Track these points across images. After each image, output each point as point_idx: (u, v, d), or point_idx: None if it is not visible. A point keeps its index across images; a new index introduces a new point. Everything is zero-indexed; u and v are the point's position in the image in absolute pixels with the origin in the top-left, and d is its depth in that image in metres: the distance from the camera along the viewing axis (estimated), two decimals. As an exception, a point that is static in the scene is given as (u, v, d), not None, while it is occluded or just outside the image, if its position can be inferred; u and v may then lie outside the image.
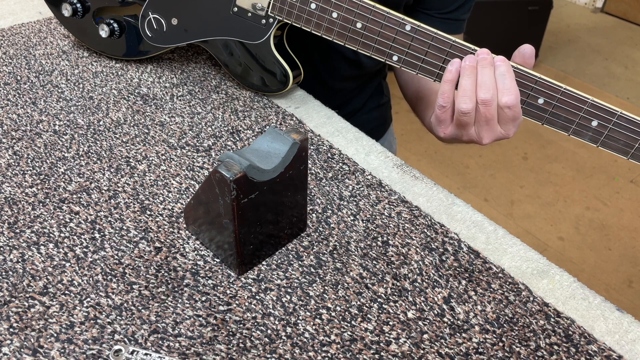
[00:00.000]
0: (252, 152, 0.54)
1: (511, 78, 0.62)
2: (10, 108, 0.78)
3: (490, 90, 0.62)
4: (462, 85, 0.63)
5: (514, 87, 0.62)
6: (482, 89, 0.62)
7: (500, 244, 0.62)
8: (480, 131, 0.66)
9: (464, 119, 0.65)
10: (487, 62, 0.62)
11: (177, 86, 0.85)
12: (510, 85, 0.62)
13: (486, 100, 0.62)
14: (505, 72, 0.62)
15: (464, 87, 0.63)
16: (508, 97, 0.61)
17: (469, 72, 0.63)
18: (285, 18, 0.73)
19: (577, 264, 1.95)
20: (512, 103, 0.62)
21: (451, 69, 0.64)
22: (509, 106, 0.62)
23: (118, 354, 0.49)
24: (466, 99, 0.63)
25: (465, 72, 0.63)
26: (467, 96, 0.63)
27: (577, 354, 0.51)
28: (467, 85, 0.63)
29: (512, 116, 0.63)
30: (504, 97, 0.62)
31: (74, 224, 0.61)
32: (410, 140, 2.46)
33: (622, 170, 2.36)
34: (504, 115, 0.63)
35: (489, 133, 0.65)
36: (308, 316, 0.54)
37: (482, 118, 0.64)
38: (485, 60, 0.62)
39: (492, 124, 0.64)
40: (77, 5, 0.85)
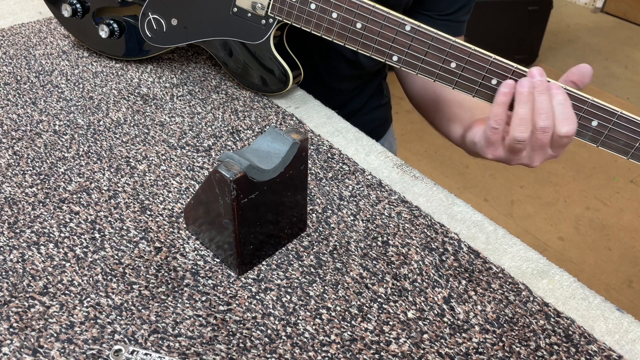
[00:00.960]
0: (252, 152, 0.54)
1: (569, 106, 0.60)
2: (10, 108, 0.78)
3: (549, 118, 0.60)
4: (519, 113, 0.61)
5: (573, 116, 0.60)
6: (542, 116, 0.60)
7: (500, 244, 0.62)
8: (533, 155, 0.64)
9: (519, 147, 0.63)
10: (544, 87, 0.60)
11: (177, 86, 0.85)
12: (570, 115, 0.60)
13: (545, 127, 0.61)
14: (563, 100, 0.60)
15: (521, 116, 0.61)
16: (569, 127, 0.60)
17: (525, 99, 0.61)
18: (285, 18, 0.73)
19: (577, 264, 1.95)
20: (572, 132, 0.60)
21: (505, 91, 0.62)
22: (568, 135, 0.60)
23: (118, 354, 0.49)
24: (523, 128, 0.61)
25: (522, 98, 0.61)
26: (523, 125, 0.61)
27: (577, 354, 0.51)
28: (524, 113, 0.61)
29: (567, 142, 0.62)
30: (565, 127, 0.60)
31: (74, 224, 0.61)
32: (410, 140, 2.46)
33: (622, 170, 2.36)
34: (560, 142, 0.62)
35: (540, 157, 0.64)
36: (308, 316, 0.54)
37: (537, 144, 0.62)
38: (542, 85, 0.60)
39: (545, 148, 0.63)
40: (76, 6, 0.85)
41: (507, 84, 0.62)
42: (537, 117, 0.61)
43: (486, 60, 0.63)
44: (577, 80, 0.62)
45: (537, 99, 0.61)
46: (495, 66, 0.63)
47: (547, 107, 0.60)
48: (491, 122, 0.64)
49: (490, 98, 0.65)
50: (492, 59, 0.63)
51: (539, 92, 0.60)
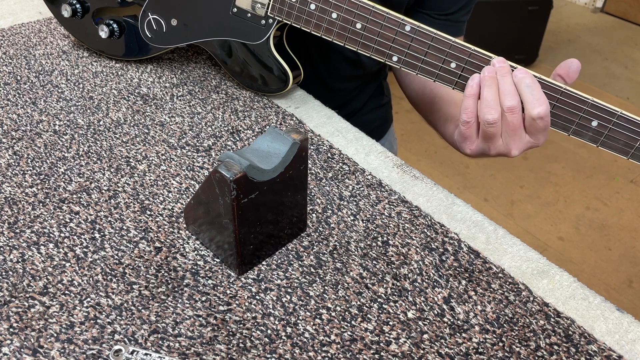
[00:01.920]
0: (252, 152, 0.54)
1: (538, 88, 0.61)
2: (10, 108, 0.78)
3: (515, 98, 0.61)
4: (485, 96, 0.62)
5: (543, 97, 0.61)
6: (507, 96, 0.61)
7: (500, 244, 0.62)
8: (509, 142, 0.64)
9: (491, 130, 0.63)
10: (506, 70, 0.61)
11: (177, 86, 0.85)
12: (540, 96, 0.61)
13: (512, 107, 0.61)
14: (530, 83, 0.61)
15: (487, 98, 0.62)
16: (540, 108, 0.60)
17: (489, 82, 0.62)
18: (285, 18, 0.73)
19: (577, 264, 1.95)
20: (544, 113, 0.61)
21: (472, 84, 0.63)
22: (541, 117, 0.61)
23: (118, 354, 0.49)
24: (491, 110, 0.62)
25: (486, 82, 0.62)
26: (491, 106, 0.62)
27: (577, 354, 0.51)
28: (489, 95, 0.62)
29: (543, 126, 0.62)
30: (536, 108, 0.60)
31: (74, 224, 0.61)
32: (410, 140, 2.46)
33: (622, 170, 2.36)
34: (535, 125, 0.62)
35: (517, 143, 0.64)
36: (308, 316, 0.54)
37: (509, 127, 0.63)
38: (504, 68, 0.61)
39: (519, 132, 0.63)
40: (76, 6, 0.85)
41: (474, 76, 0.63)
42: (502, 98, 0.62)
43: (486, 61, 0.63)
44: (564, 74, 0.63)
45: (501, 81, 0.62)
46: (495, 66, 0.63)
47: (511, 88, 0.61)
48: (463, 116, 0.65)
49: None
50: (492, 59, 0.63)
51: (502, 74, 0.62)
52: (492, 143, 0.65)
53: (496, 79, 0.62)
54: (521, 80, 0.61)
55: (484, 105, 0.63)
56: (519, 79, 0.61)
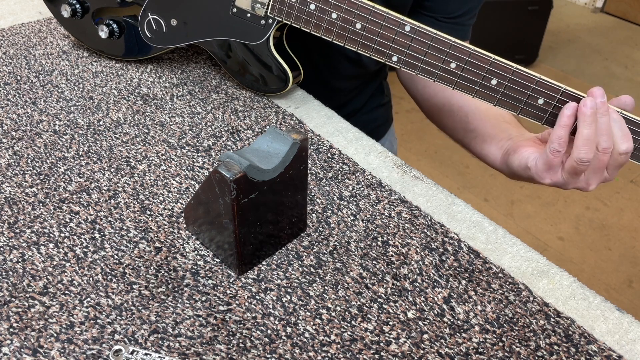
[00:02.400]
0: (252, 152, 0.54)
1: (624, 123, 0.61)
2: (10, 108, 0.78)
3: (611, 139, 0.61)
4: (584, 134, 0.61)
5: (629, 134, 0.61)
6: (603, 137, 0.61)
7: (500, 244, 0.62)
8: (590, 178, 0.64)
9: (582, 168, 0.62)
10: (605, 109, 0.60)
11: (177, 86, 0.85)
12: (626, 132, 0.60)
13: (607, 148, 0.61)
14: (618, 118, 0.60)
15: (586, 137, 0.61)
16: (628, 144, 0.60)
17: (590, 120, 0.60)
18: (285, 19, 0.73)
19: (577, 264, 1.95)
20: (631, 149, 0.61)
21: (569, 114, 0.61)
22: (627, 153, 0.61)
23: (118, 354, 0.49)
24: (587, 149, 0.61)
25: (586, 119, 0.60)
26: (587, 146, 0.61)
27: (577, 354, 0.51)
28: (588, 134, 0.60)
29: (624, 162, 0.62)
30: (624, 144, 0.60)
31: (74, 224, 0.61)
32: (410, 140, 2.46)
33: (622, 170, 2.35)
34: (619, 160, 0.62)
35: (597, 179, 0.64)
36: (308, 316, 0.54)
37: (597, 165, 0.62)
38: (604, 107, 0.60)
39: (603, 170, 0.63)
40: (76, 6, 0.85)
41: (570, 106, 0.61)
42: (599, 138, 0.61)
43: (486, 61, 0.63)
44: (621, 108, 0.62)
45: (599, 120, 0.61)
46: (495, 66, 0.63)
47: (608, 128, 0.60)
48: (554, 145, 0.63)
49: (490, 98, 0.65)
50: (492, 59, 0.63)
51: (601, 113, 0.60)
52: (576, 178, 0.64)
53: (597, 117, 0.60)
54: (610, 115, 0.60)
55: (580, 143, 0.61)
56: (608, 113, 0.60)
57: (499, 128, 0.78)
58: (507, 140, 0.74)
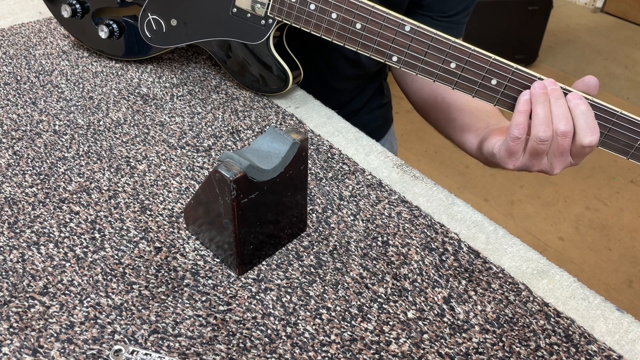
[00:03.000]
0: (252, 152, 0.54)
1: (592, 117, 0.61)
2: (10, 108, 0.78)
3: (569, 123, 0.61)
4: (538, 113, 0.62)
5: (596, 127, 0.61)
6: (561, 120, 0.61)
7: (500, 244, 0.62)
8: (553, 162, 0.64)
9: (542, 148, 0.63)
10: (559, 93, 0.61)
11: (177, 86, 0.85)
12: (593, 125, 0.61)
13: (565, 132, 0.61)
14: (586, 110, 0.60)
15: (541, 115, 0.61)
16: (592, 138, 0.60)
17: (542, 99, 0.61)
18: (285, 19, 0.73)
19: (577, 264, 1.95)
20: (595, 143, 0.61)
21: (523, 100, 0.62)
22: (591, 146, 0.61)
23: (118, 354, 0.49)
24: (544, 127, 0.62)
25: (539, 99, 0.61)
26: (544, 124, 0.61)
27: (577, 354, 0.51)
28: (542, 112, 0.61)
29: (589, 152, 0.62)
30: (588, 137, 0.60)
31: (74, 224, 0.61)
32: (410, 140, 2.46)
33: (622, 170, 2.36)
34: (583, 152, 0.62)
35: (561, 163, 0.64)
36: (308, 316, 0.54)
37: (557, 149, 0.63)
38: (557, 91, 0.61)
39: (565, 154, 0.63)
40: (76, 6, 0.85)
41: (525, 92, 0.62)
42: (556, 121, 0.61)
43: (486, 61, 0.63)
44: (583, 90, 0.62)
45: (554, 104, 0.61)
46: (495, 66, 0.63)
47: (566, 112, 0.61)
48: (514, 131, 0.63)
49: (490, 98, 0.65)
50: (492, 59, 0.63)
51: (556, 97, 0.61)
52: (538, 160, 0.65)
53: (548, 97, 0.61)
54: (576, 106, 0.61)
55: (536, 122, 0.62)
56: (574, 104, 0.61)
57: (477, 118, 0.80)
58: (484, 129, 0.76)
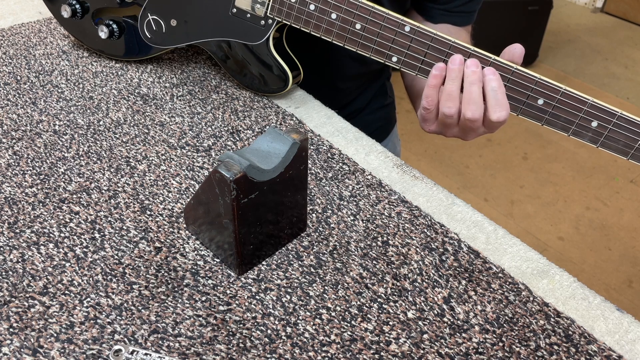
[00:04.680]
0: (252, 152, 0.54)
1: (502, 93, 0.61)
2: (10, 108, 0.78)
3: (478, 109, 0.62)
4: (446, 89, 0.63)
5: (505, 103, 0.61)
6: (470, 106, 0.62)
7: (500, 244, 0.62)
8: (464, 135, 0.67)
9: (448, 121, 0.65)
10: (476, 78, 0.61)
11: (177, 86, 0.85)
12: (503, 101, 0.61)
13: (472, 119, 0.62)
14: (497, 87, 0.61)
15: (449, 91, 0.62)
16: (500, 114, 0.61)
17: (454, 75, 0.62)
18: (284, 19, 0.73)
19: (577, 264, 1.95)
20: (504, 119, 0.62)
21: (436, 74, 0.63)
22: (500, 121, 0.62)
23: (118, 354, 0.49)
24: (450, 104, 0.63)
25: (451, 75, 0.62)
26: (451, 100, 0.63)
27: (577, 354, 0.51)
28: (452, 89, 0.62)
29: (498, 126, 0.64)
30: (496, 113, 0.61)
31: (74, 224, 0.61)
32: (410, 140, 2.46)
33: (622, 170, 2.36)
34: (493, 125, 0.63)
35: (472, 134, 0.67)
36: (308, 316, 0.54)
37: (466, 128, 0.64)
38: (475, 74, 0.61)
39: (477, 130, 0.65)
40: (76, 6, 0.85)
41: (438, 66, 0.63)
42: (465, 106, 0.62)
43: (486, 61, 0.63)
44: (509, 60, 0.63)
45: (467, 89, 0.62)
46: (495, 67, 0.63)
47: (477, 98, 0.62)
48: (423, 103, 0.66)
49: (490, 98, 0.65)
50: (492, 59, 0.63)
51: (471, 82, 0.61)
52: (449, 130, 0.68)
53: (462, 73, 0.62)
54: (488, 82, 0.61)
55: (444, 96, 0.63)
56: (487, 80, 0.61)
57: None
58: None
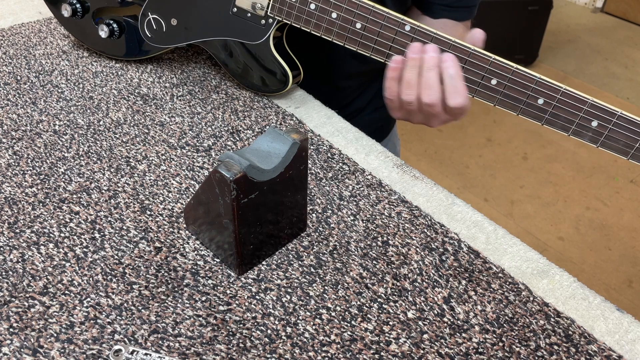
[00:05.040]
0: (252, 152, 0.54)
1: (460, 79, 0.62)
2: (10, 108, 0.78)
3: (435, 94, 0.63)
4: (406, 77, 0.64)
5: (463, 90, 0.62)
6: (426, 91, 0.63)
7: (500, 244, 0.62)
8: (428, 121, 0.68)
9: (409, 108, 0.66)
10: (433, 62, 0.62)
11: (177, 86, 0.85)
12: (460, 88, 0.62)
13: (429, 103, 0.63)
14: (454, 74, 0.62)
15: (407, 80, 0.64)
16: (457, 100, 0.62)
17: (411, 63, 0.63)
18: (285, 18, 0.73)
19: (577, 264, 1.95)
20: (461, 105, 0.62)
21: (392, 67, 0.65)
22: (457, 107, 0.63)
23: (118, 354, 0.49)
24: (409, 91, 0.64)
25: (409, 63, 0.63)
26: (409, 88, 0.64)
27: (577, 354, 0.51)
28: (410, 77, 0.64)
29: (460, 112, 0.64)
30: (453, 99, 0.62)
31: (74, 224, 0.61)
32: (410, 140, 2.46)
33: (622, 170, 2.36)
34: (452, 112, 0.64)
35: (435, 121, 0.67)
36: (308, 316, 0.54)
37: (428, 114, 0.65)
38: (433, 60, 0.62)
39: (438, 116, 0.66)
40: (76, 6, 0.85)
41: (395, 59, 0.65)
42: (422, 92, 0.63)
43: (486, 60, 0.63)
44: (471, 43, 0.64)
45: (424, 75, 0.63)
46: (495, 66, 0.63)
47: (434, 83, 0.62)
48: (385, 93, 0.68)
49: (490, 98, 0.65)
50: (492, 59, 0.63)
51: (428, 68, 0.62)
52: (412, 116, 0.69)
53: (420, 62, 0.63)
54: (445, 69, 0.62)
55: (404, 84, 0.64)
56: (444, 67, 0.62)
57: None
58: None
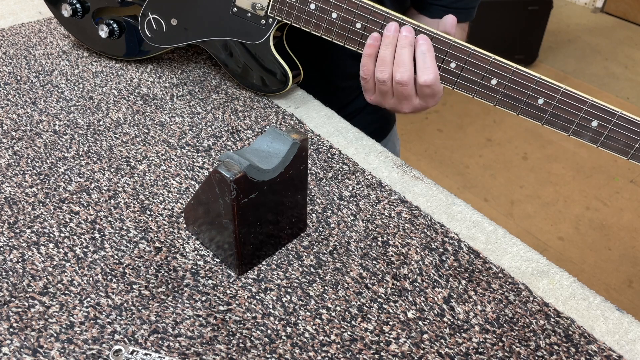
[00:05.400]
0: (252, 152, 0.54)
1: (432, 57, 0.63)
2: (10, 108, 0.78)
3: (407, 72, 0.64)
4: (381, 55, 0.65)
5: (433, 67, 0.64)
6: (399, 69, 0.64)
7: (500, 244, 0.62)
8: (399, 104, 0.69)
9: (383, 88, 0.67)
10: (407, 41, 0.64)
11: (177, 86, 0.85)
12: (431, 64, 0.63)
13: (401, 81, 0.65)
14: (426, 50, 0.63)
15: (382, 57, 0.65)
16: (427, 77, 0.63)
17: (387, 41, 0.65)
18: (285, 18, 0.73)
19: (577, 264, 1.95)
20: (431, 82, 0.64)
21: (371, 43, 0.66)
22: (427, 85, 0.64)
23: (118, 354, 0.49)
24: (383, 68, 0.66)
25: (385, 41, 0.65)
26: (383, 66, 0.65)
27: (577, 354, 0.51)
28: (385, 55, 0.65)
29: (430, 93, 0.66)
30: (424, 76, 0.64)
31: (74, 224, 0.61)
32: (410, 140, 2.46)
33: (622, 170, 2.36)
34: (423, 91, 0.65)
35: (407, 105, 0.68)
36: (308, 316, 0.54)
37: (399, 94, 0.66)
38: (407, 39, 0.64)
39: (409, 98, 0.67)
40: (76, 6, 0.85)
41: (372, 36, 0.66)
42: (395, 70, 0.65)
43: (486, 60, 0.63)
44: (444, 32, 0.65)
45: (398, 52, 0.64)
46: (495, 66, 0.63)
47: (408, 60, 0.64)
48: (360, 72, 0.69)
49: (490, 98, 0.65)
50: (492, 59, 0.63)
51: (402, 45, 0.64)
52: (385, 99, 0.70)
53: (395, 41, 0.64)
54: (418, 47, 0.64)
55: (379, 62, 0.66)
56: (417, 45, 0.64)
57: None
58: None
